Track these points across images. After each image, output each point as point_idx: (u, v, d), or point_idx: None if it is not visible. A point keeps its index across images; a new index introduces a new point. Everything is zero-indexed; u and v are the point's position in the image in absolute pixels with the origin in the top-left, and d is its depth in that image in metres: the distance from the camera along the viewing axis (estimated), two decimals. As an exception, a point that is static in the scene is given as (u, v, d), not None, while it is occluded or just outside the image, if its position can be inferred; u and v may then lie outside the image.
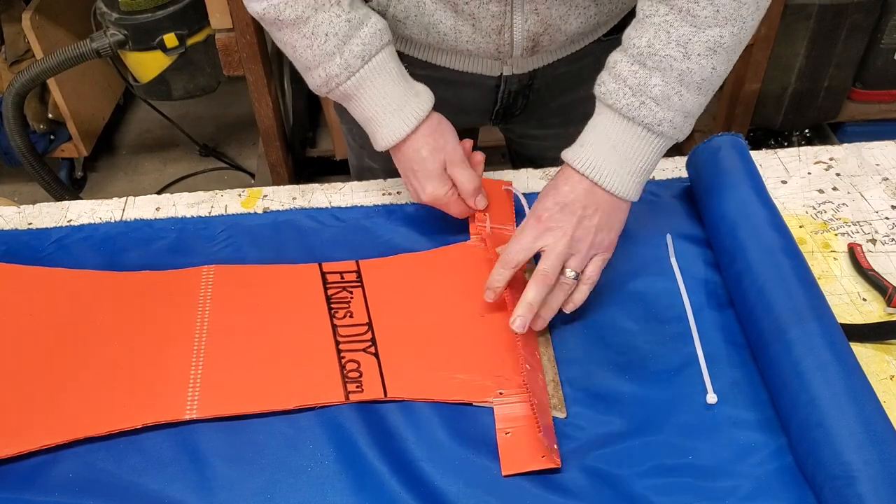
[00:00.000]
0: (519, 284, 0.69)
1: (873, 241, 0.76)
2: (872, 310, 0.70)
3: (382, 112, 0.72)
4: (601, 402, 0.63)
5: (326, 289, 0.72)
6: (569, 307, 0.67)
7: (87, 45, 1.57)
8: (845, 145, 0.87)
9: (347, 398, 0.63)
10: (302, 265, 0.75)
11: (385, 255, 0.76)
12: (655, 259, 0.75)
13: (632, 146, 0.65)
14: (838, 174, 0.84)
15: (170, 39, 1.57)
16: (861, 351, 0.65)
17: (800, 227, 0.77)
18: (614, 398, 0.64)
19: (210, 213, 0.82)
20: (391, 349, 0.67)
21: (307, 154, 1.97)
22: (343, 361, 0.66)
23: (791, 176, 0.84)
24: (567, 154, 0.67)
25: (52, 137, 1.98)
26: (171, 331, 0.69)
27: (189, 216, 0.81)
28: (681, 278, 0.73)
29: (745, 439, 0.61)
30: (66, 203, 0.83)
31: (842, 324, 0.63)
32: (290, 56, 0.73)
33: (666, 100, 0.63)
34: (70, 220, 0.81)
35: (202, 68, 1.67)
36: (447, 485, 0.58)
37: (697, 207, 0.79)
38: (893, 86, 1.89)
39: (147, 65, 1.64)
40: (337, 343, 0.68)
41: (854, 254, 0.74)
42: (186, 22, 1.58)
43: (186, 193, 0.84)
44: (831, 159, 0.86)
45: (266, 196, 0.84)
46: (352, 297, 0.72)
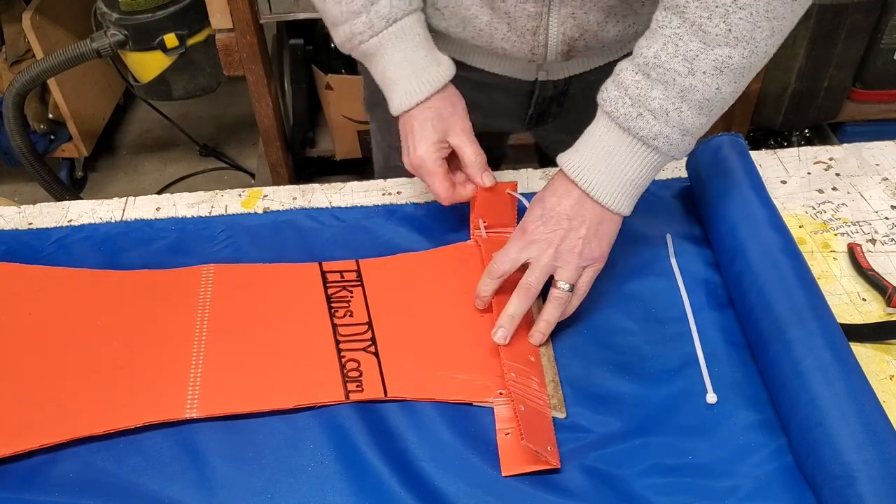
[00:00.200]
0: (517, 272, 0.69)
1: (873, 241, 0.76)
2: (872, 310, 0.70)
3: (401, 75, 0.72)
4: (601, 402, 0.63)
5: (326, 288, 0.72)
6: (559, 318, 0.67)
7: (88, 45, 1.57)
8: (845, 145, 0.87)
9: (347, 397, 0.63)
10: (302, 264, 0.75)
11: (385, 255, 0.76)
12: (655, 259, 0.75)
13: (625, 157, 0.64)
14: (838, 174, 0.84)
15: (170, 39, 1.57)
16: (861, 351, 0.65)
17: (799, 227, 0.77)
18: (614, 398, 0.64)
19: (210, 213, 0.82)
20: (391, 349, 0.67)
21: (307, 154, 1.97)
22: (343, 361, 0.66)
23: (791, 176, 0.84)
24: (561, 157, 0.67)
25: (53, 137, 1.98)
26: (171, 330, 0.69)
27: (189, 216, 0.81)
28: (681, 278, 0.73)
29: (745, 439, 0.61)
30: (67, 203, 0.83)
31: (842, 324, 0.63)
32: (320, 10, 0.74)
33: (664, 114, 0.61)
34: (70, 220, 0.81)
35: (202, 68, 1.67)
36: (447, 485, 0.58)
37: (697, 207, 0.79)
38: (893, 86, 1.89)
39: (147, 65, 1.64)
40: (337, 342, 0.68)
41: (854, 254, 0.74)
42: (187, 22, 1.58)
43: (186, 193, 0.84)
44: (831, 159, 0.86)
45: (266, 196, 0.84)
46: (352, 297, 0.72)
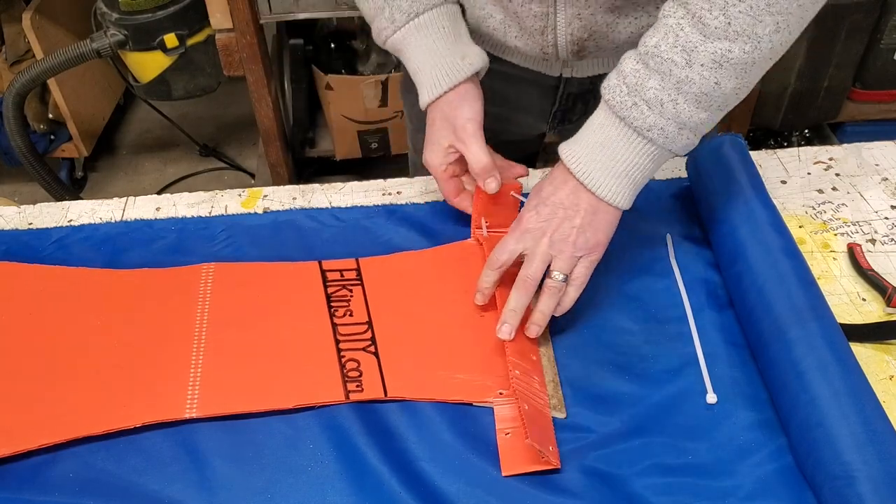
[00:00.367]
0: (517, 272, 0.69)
1: (873, 241, 0.76)
2: (872, 310, 0.70)
3: (423, 68, 0.72)
4: (601, 403, 0.63)
5: (326, 287, 0.72)
6: (558, 311, 0.66)
7: (88, 45, 1.57)
8: (845, 145, 0.87)
9: (347, 397, 0.63)
10: (302, 263, 0.75)
11: (385, 255, 0.76)
12: (655, 259, 0.75)
13: (621, 148, 0.63)
14: (838, 174, 0.84)
15: (170, 39, 1.57)
16: (861, 351, 0.65)
17: (799, 227, 0.77)
18: (614, 398, 0.64)
19: (210, 213, 0.82)
20: (391, 348, 0.67)
21: (307, 154, 1.97)
22: (343, 361, 0.66)
23: (791, 176, 0.84)
24: (561, 147, 0.66)
25: (53, 137, 1.98)
26: (171, 329, 0.69)
27: (189, 216, 0.81)
28: (681, 278, 0.73)
29: (745, 439, 0.61)
30: (67, 203, 0.83)
31: (842, 324, 0.63)
32: (360, 8, 0.75)
33: (659, 105, 0.61)
34: (70, 220, 0.81)
35: (202, 68, 1.67)
36: (447, 485, 0.58)
37: (697, 207, 0.79)
38: (893, 86, 1.89)
39: (147, 65, 1.64)
40: (337, 342, 0.68)
41: (853, 254, 0.74)
42: (187, 22, 1.58)
43: (186, 193, 0.84)
44: (831, 159, 0.86)
45: (266, 196, 0.84)
46: (352, 296, 0.72)
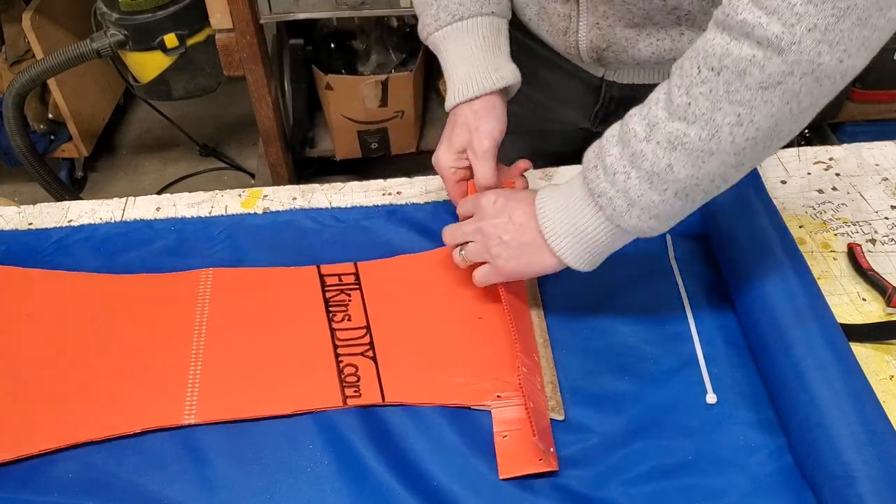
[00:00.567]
0: (519, 289, 0.70)
1: (873, 241, 0.76)
2: (872, 310, 0.70)
3: (456, 71, 0.73)
4: (600, 403, 0.63)
5: (324, 292, 0.72)
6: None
7: (88, 46, 1.57)
8: (845, 145, 0.87)
9: (345, 402, 0.63)
10: (300, 268, 0.74)
11: (385, 256, 0.76)
12: (655, 259, 0.75)
13: (578, 204, 0.61)
14: (838, 174, 0.84)
15: (170, 39, 1.57)
16: (861, 351, 0.65)
17: (799, 227, 0.77)
18: (614, 399, 0.64)
19: (210, 214, 0.82)
20: (389, 353, 0.67)
21: (307, 154, 1.97)
22: (341, 366, 0.66)
23: (791, 176, 0.84)
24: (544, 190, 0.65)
25: (53, 137, 1.97)
26: (170, 334, 0.69)
27: (189, 216, 0.81)
28: (681, 278, 0.73)
29: (745, 439, 0.61)
30: (67, 203, 0.83)
31: (842, 324, 0.63)
32: (413, 2, 0.77)
33: (612, 174, 0.57)
34: (70, 221, 0.81)
35: (202, 68, 1.67)
36: (446, 485, 0.58)
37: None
38: (893, 86, 1.89)
39: (147, 65, 1.64)
40: (335, 347, 0.67)
41: (854, 254, 0.73)
42: (186, 22, 1.58)
43: (186, 193, 0.84)
44: (831, 159, 0.86)
45: (266, 196, 0.84)
46: (350, 300, 0.71)
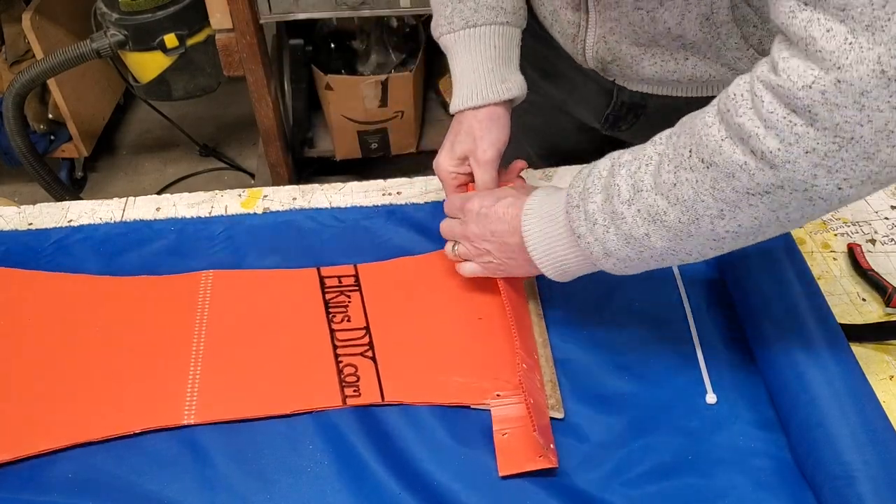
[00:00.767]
0: (519, 288, 0.70)
1: (873, 242, 0.76)
2: (872, 310, 0.70)
3: (463, 78, 0.73)
4: (600, 403, 0.63)
5: (324, 293, 0.72)
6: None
7: (88, 46, 1.57)
8: (845, 145, 0.87)
9: (345, 402, 0.63)
10: (300, 270, 0.75)
11: (385, 256, 0.76)
12: (655, 259, 0.75)
13: (559, 232, 0.61)
14: (838, 174, 0.84)
15: (170, 40, 1.57)
16: (861, 351, 0.65)
17: (799, 227, 0.77)
18: (614, 398, 0.64)
19: (210, 214, 0.82)
20: (389, 353, 0.67)
21: (307, 154, 1.97)
22: (340, 366, 0.66)
23: (791, 176, 0.84)
24: (537, 190, 0.65)
25: (53, 137, 1.97)
26: (170, 336, 0.69)
27: (189, 216, 0.81)
28: (680, 278, 0.73)
29: (745, 439, 0.61)
30: (67, 203, 0.83)
31: (842, 324, 0.63)
32: None
33: (592, 222, 0.57)
34: (70, 221, 0.81)
35: (202, 68, 1.67)
36: (445, 485, 0.58)
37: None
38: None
39: (147, 65, 1.64)
40: (335, 347, 0.68)
41: (853, 254, 0.73)
42: (186, 22, 1.58)
43: (186, 194, 0.84)
44: (831, 159, 0.86)
45: (266, 196, 0.84)
46: (349, 302, 0.71)
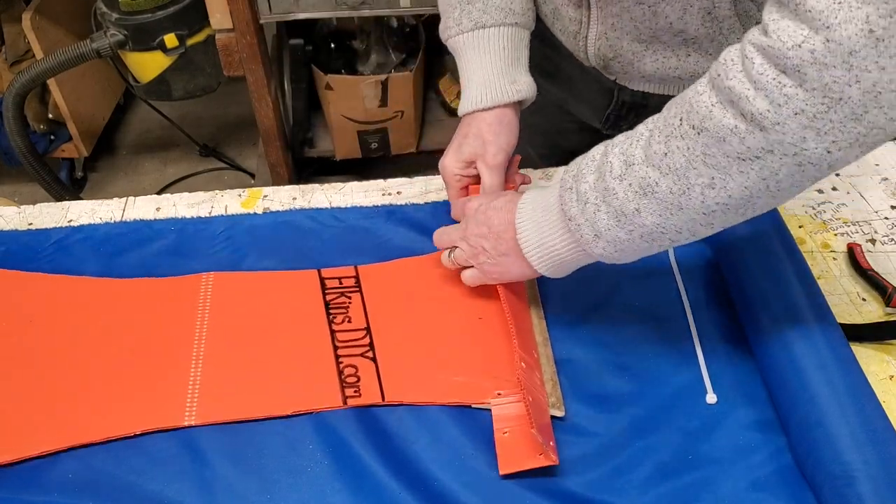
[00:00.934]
0: (519, 290, 0.70)
1: (873, 241, 0.76)
2: (872, 310, 0.70)
3: (472, 79, 0.73)
4: (600, 402, 0.63)
5: (325, 294, 0.72)
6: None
7: (88, 46, 1.57)
8: (845, 145, 0.87)
9: (345, 403, 0.63)
10: (301, 271, 0.75)
11: (385, 256, 0.76)
12: (655, 259, 0.75)
13: (552, 220, 0.60)
14: (838, 174, 0.84)
15: (170, 40, 1.57)
16: (861, 351, 0.65)
17: (799, 227, 0.77)
18: (614, 398, 0.64)
19: (210, 214, 0.82)
20: (389, 353, 0.67)
21: (307, 154, 1.97)
22: (341, 367, 0.66)
23: (791, 176, 0.84)
24: (530, 191, 0.64)
25: (53, 137, 1.97)
26: (171, 337, 0.69)
27: (189, 216, 0.81)
28: (680, 278, 0.73)
29: (745, 439, 0.61)
30: (67, 203, 0.83)
31: (841, 324, 0.63)
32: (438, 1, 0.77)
33: (584, 202, 0.56)
34: (70, 221, 0.81)
35: (202, 68, 1.67)
36: (446, 484, 0.58)
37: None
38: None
39: (147, 65, 1.64)
40: (335, 348, 0.68)
41: (853, 254, 0.74)
42: (186, 22, 1.58)
43: (186, 193, 0.84)
44: (831, 159, 0.86)
45: (266, 196, 0.84)
46: (350, 303, 0.72)
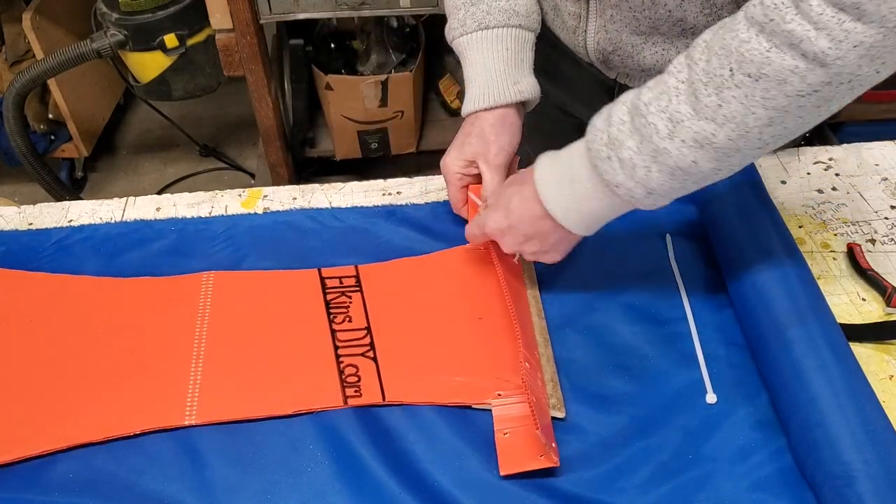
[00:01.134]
0: (520, 290, 0.70)
1: (872, 241, 0.76)
2: (872, 310, 0.70)
3: (476, 79, 0.73)
4: (601, 402, 0.64)
5: (325, 294, 0.72)
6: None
7: (88, 46, 1.57)
8: (844, 145, 0.87)
9: (346, 402, 0.63)
10: (301, 271, 0.74)
11: (385, 256, 0.76)
12: (655, 259, 0.75)
13: (588, 191, 0.60)
14: (837, 174, 0.84)
15: (170, 40, 1.57)
16: (861, 351, 0.65)
17: (799, 227, 0.77)
18: (614, 398, 0.64)
19: (210, 214, 0.82)
20: (390, 353, 0.67)
21: (307, 154, 1.97)
22: (342, 366, 0.66)
23: (790, 176, 0.84)
24: (541, 158, 0.64)
25: (53, 137, 1.98)
26: (171, 337, 0.69)
27: (189, 216, 0.81)
28: (680, 278, 0.73)
29: (745, 439, 0.61)
30: (67, 203, 0.83)
31: (841, 324, 0.63)
32: (444, 1, 0.77)
33: (631, 168, 0.57)
34: (70, 221, 0.81)
35: (202, 68, 1.67)
36: (446, 485, 0.58)
37: (697, 207, 0.79)
38: (893, 86, 1.88)
39: (147, 65, 1.64)
40: (336, 348, 0.68)
41: (853, 254, 0.74)
42: (186, 22, 1.58)
43: (186, 193, 0.84)
44: (830, 159, 0.86)
45: (266, 196, 0.84)
46: (350, 302, 0.72)
